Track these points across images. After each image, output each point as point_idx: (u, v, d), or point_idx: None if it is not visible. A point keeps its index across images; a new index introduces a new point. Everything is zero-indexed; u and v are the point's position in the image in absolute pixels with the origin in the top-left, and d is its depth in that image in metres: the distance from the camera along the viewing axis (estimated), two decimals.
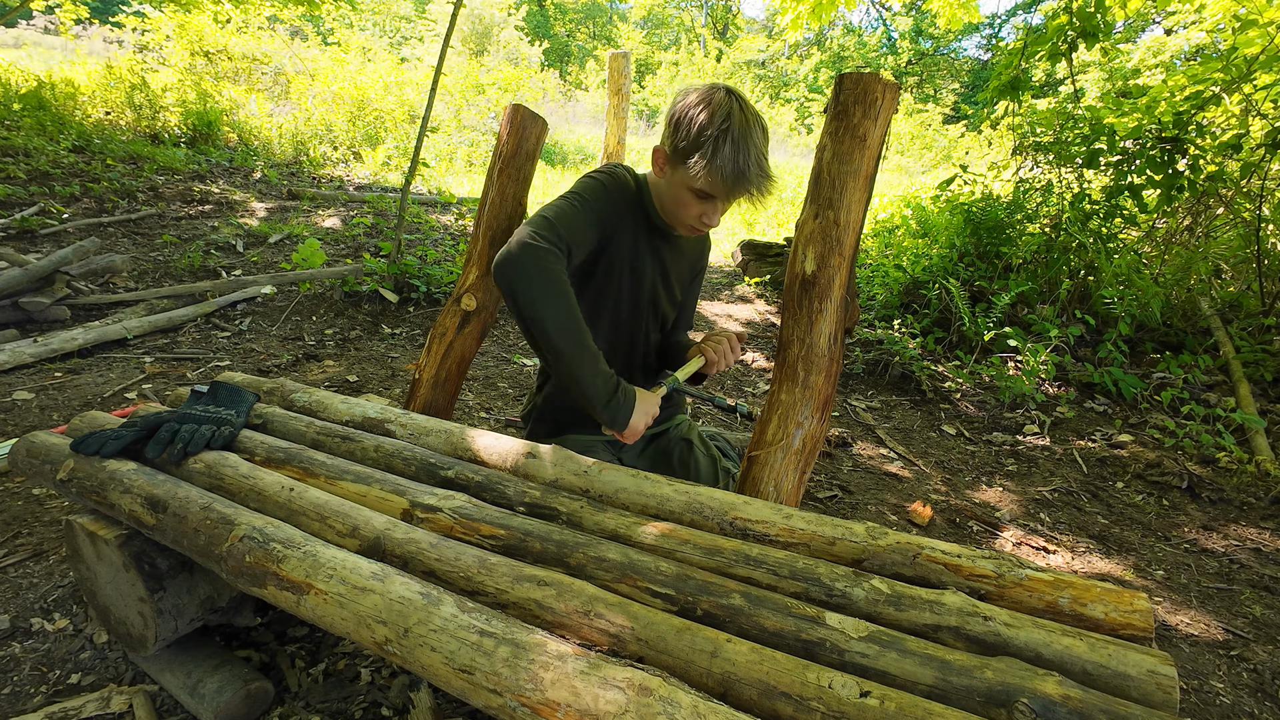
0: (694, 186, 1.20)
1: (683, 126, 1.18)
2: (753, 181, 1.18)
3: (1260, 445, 2.58)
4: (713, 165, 1.15)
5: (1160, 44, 10.25)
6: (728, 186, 1.18)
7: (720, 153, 1.14)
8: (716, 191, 1.19)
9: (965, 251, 4.05)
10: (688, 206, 1.24)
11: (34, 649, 1.24)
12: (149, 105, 6.47)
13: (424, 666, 0.72)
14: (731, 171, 1.15)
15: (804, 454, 1.14)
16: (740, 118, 1.16)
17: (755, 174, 1.17)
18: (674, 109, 1.22)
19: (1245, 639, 1.62)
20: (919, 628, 0.76)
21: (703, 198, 1.22)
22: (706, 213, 1.25)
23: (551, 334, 1.11)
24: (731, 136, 1.14)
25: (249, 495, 1.03)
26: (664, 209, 1.33)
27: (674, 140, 1.21)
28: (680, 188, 1.23)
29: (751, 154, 1.16)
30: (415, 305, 3.67)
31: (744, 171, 1.16)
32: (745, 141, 1.15)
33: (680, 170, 1.21)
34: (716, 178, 1.16)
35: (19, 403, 2.19)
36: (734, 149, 1.14)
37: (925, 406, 3.02)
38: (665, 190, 1.29)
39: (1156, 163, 3.26)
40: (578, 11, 30.10)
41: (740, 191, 1.19)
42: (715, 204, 1.23)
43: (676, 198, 1.26)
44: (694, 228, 1.30)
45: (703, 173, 1.16)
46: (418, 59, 12.24)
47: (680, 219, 1.29)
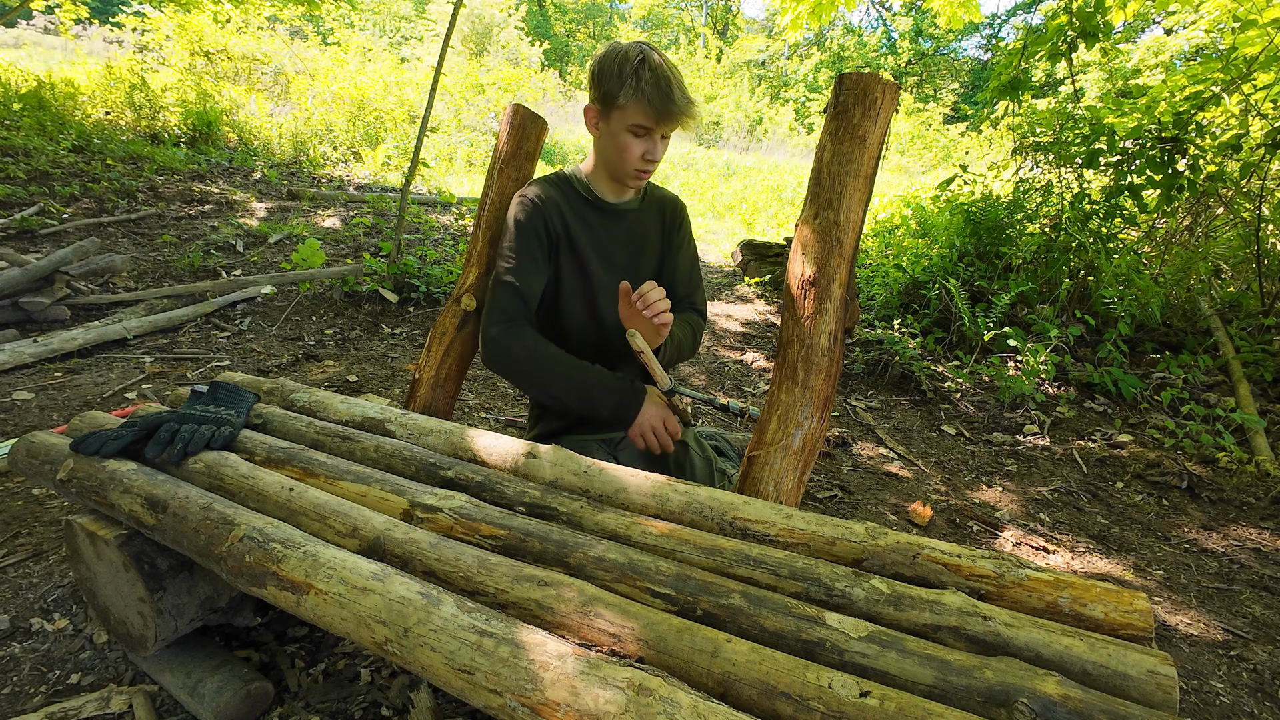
0: (628, 123, 1.28)
1: (603, 74, 1.28)
2: (677, 101, 1.26)
3: (1260, 445, 2.58)
4: (639, 92, 1.24)
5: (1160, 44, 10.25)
6: (657, 110, 1.25)
7: (642, 80, 1.24)
8: (648, 120, 1.27)
9: (965, 251, 4.05)
10: (629, 149, 1.31)
11: (34, 649, 1.24)
12: (149, 105, 6.46)
13: (424, 666, 0.72)
14: (657, 94, 1.24)
15: (804, 454, 1.14)
16: (651, 54, 1.26)
17: (679, 95, 1.26)
18: (592, 65, 1.32)
19: (1245, 639, 1.62)
20: (919, 628, 0.76)
21: (639, 133, 1.29)
22: (648, 150, 1.31)
23: (561, 398, 1.34)
24: (649, 65, 1.24)
25: (249, 495, 1.03)
26: (608, 167, 1.38)
27: (600, 90, 1.29)
28: (617, 133, 1.30)
29: (672, 79, 1.25)
30: (415, 305, 3.67)
31: (668, 93, 1.24)
32: (663, 70, 1.25)
33: (613, 114, 1.29)
34: (645, 103, 1.24)
35: (19, 403, 2.19)
36: (653, 75, 1.24)
37: (925, 406, 3.02)
38: (606, 145, 1.35)
39: (1156, 163, 3.26)
40: (578, 11, 30.10)
41: (670, 112, 1.26)
42: (652, 136, 1.30)
43: (616, 145, 1.32)
44: (640, 169, 1.34)
45: (631, 102, 1.25)
46: (418, 59, 12.25)
47: (626, 166, 1.34)
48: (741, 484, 1.17)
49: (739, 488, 1.17)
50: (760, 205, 8.72)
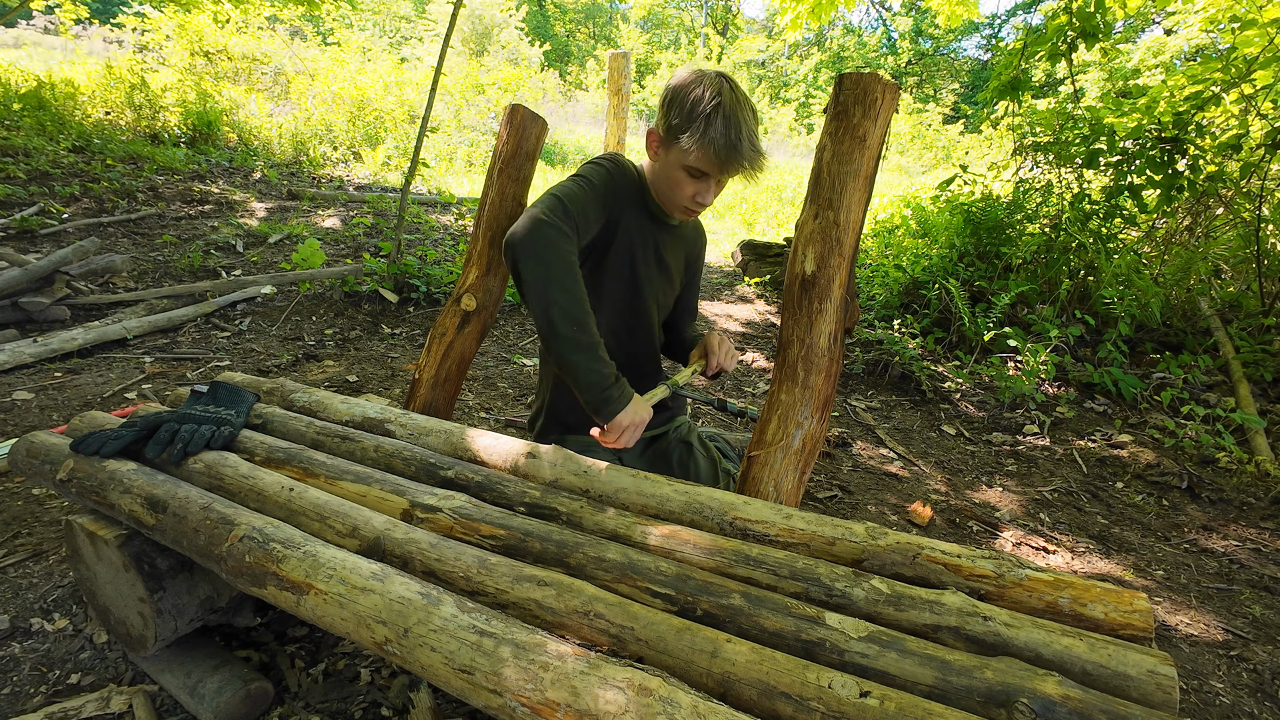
0: (687, 164, 1.22)
1: (675, 105, 1.21)
2: (745, 155, 1.20)
3: (1260, 445, 2.58)
4: (705, 140, 1.18)
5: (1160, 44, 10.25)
6: (720, 161, 1.20)
7: (712, 127, 1.17)
8: (709, 167, 1.21)
9: (965, 252, 4.05)
10: (682, 186, 1.26)
11: (34, 649, 1.24)
12: (149, 105, 6.46)
13: (424, 666, 0.72)
14: (724, 145, 1.18)
15: (804, 454, 1.14)
16: (730, 95, 1.19)
17: (747, 149, 1.20)
18: (667, 89, 1.25)
19: (1245, 639, 1.62)
20: (919, 628, 0.76)
21: (696, 176, 1.24)
22: (700, 191, 1.27)
23: (555, 319, 1.10)
24: (723, 112, 1.17)
25: (249, 495, 1.03)
26: (659, 192, 1.34)
27: (667, 120, 1.23)
28: (674, 167, 1.25)
29: (743, 130, 1.19)
30: (415, 305, 3.67)
31: (736, 145, 1.18)
32: (736, 117, 1.18)
33: (674, 148, 1.23)
34: (709, 152, 1.19)
35: (19, 403, 2.19)
36: (725, 124, 1.17)
37: (925, 406, 3.02)
38: (660, 172, 1.31)
39: (1156, 163, 3.26)
40: (578, 12, 30.10)
41: (733, 166, 1.21)
42: (709, 181, 1.25)
43: (670, 178, 1.27)
44: (688, 209, 1.31)
45: (695, 148, 1.19)
46: (418, 59, 12.24)
47: (675, 200, 1.30)
48: (741, 484, 1.17)
49: (739, 488, 1.17)
50: (760, 205, 8.71)
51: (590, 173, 1.29)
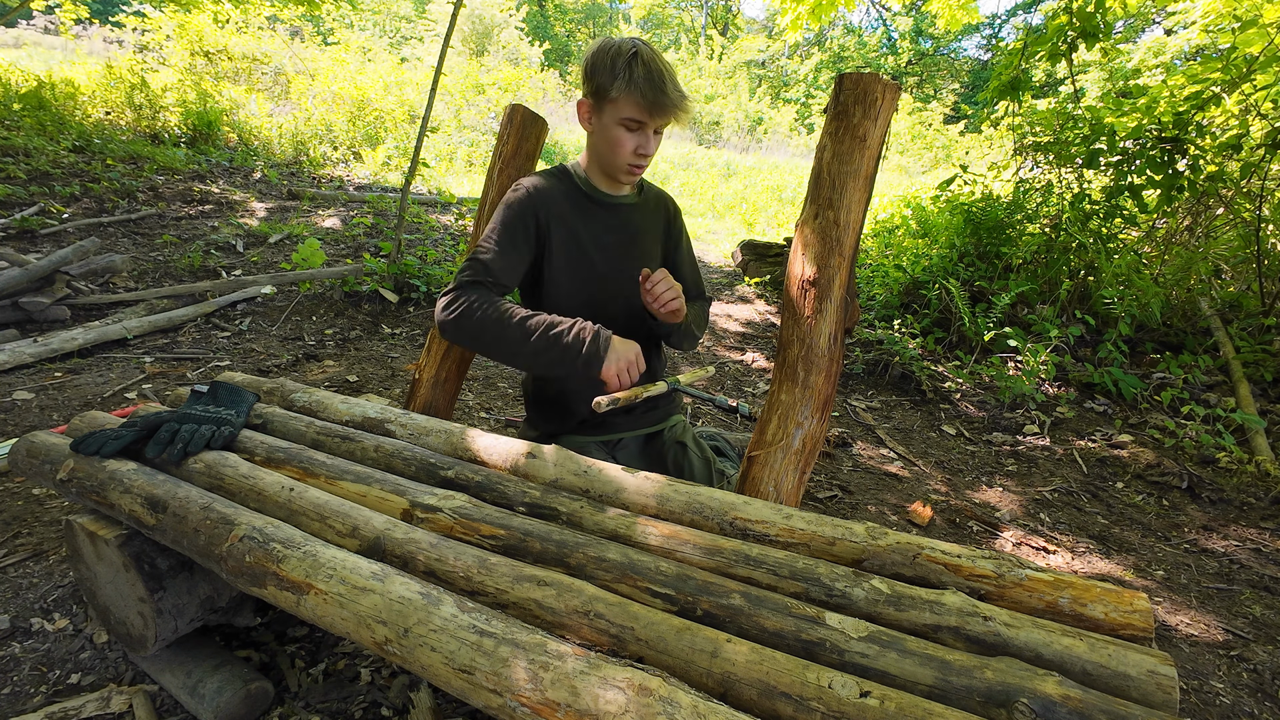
0: (621, 116, 1.27)
1: (596, 68, 1.27)
2: (670, 95, 1.25)
3: (1260, 445, 2.58)
4: (631, 85, 1.23)
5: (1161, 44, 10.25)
6: (649, 103, 1.24)
7: (634, 74, 1.23)
8: (642, 114, 1.26)
9: (965, 252, 4.05)
10: (622, 144, 1.30)
11: (34, 649, 1.24)
12: (149, 105, 6.46)
13: (424, 666, 0.72)
14: (649, 87, 1.23)
15: (804, 454, 1.14)
16: (645, 48, 1.26)
17: (672, 89, 1.25)
18: (585, 60, 1.31)
19: (1245, 639, 1.62)
20: (919, 628, 0.76)
21: (632, 127, 1.28)
22: (640, 144, 1.30)
23: (516, 360, 1.25)
24: (641, 59, 1.24)
25: (249, 495, 1.03)
26: (601, 162, 1.37)
27: (592, 84, 1.29)
28: (610, 126, 1.29)
29: (665, 74, 1.25)
30: (415, 305, 3.67)
31: (661, 86, 1.24)
32: (655, 63, 1.24)
33: (605, 107, 1.28)
34: (637, 95, 1.24)
35: (19, 403, 2.19)
36: (646, 69, 1.23)
37: (925, 406, 3.02)
38: (598, 138, 1.34)
39: (1156, 163, 3.26)
40: (578, 12, 30.10)
41: (661, 108, 1.26)
42: (645, 130, 1.29)
43: (609, 140, 1.31)
44: (634, 164, 1.34)
45: (623, 95, 1.24)
46: (418, 59, 12.25)
47: (618, 160, 1.33)
48: (741, 484, 1.17)
49: (739, 488, 1.17)
50: (760, 205, 8.72)
51: (505, 201, 1.36)
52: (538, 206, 1.35)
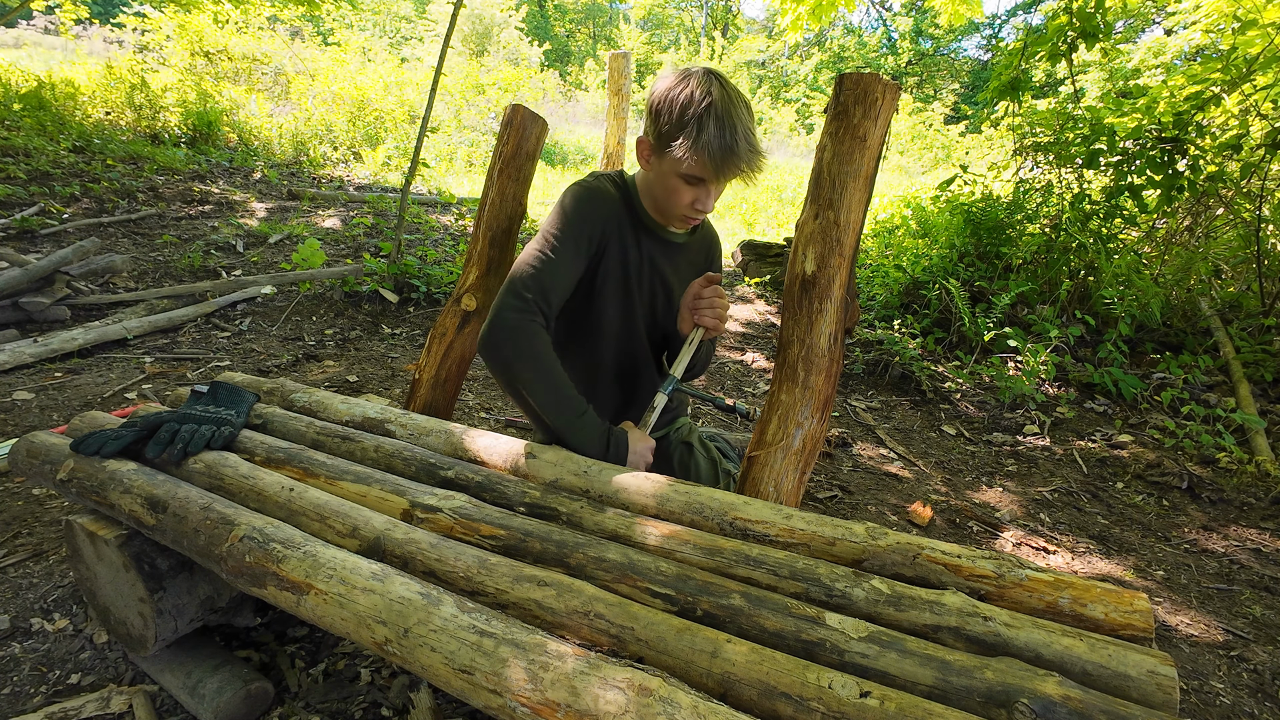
0: (681, 171, 1.15)
1: (663, 111, 1.14)
2: (742, 157, 1.13)
3: (1260, 445, 2.58)
4: (699, 145, 1.11)
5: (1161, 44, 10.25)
6: (716, 165, 1.13)
7: (705, 130, 1.10)
8: (705, 173, 1.15)
9: (965, 252, 4.05)
10: (678, 194, 1.20)
11: (34, 649, 1.24)
12: (149, 105, 6.47)
13: (424, 667, 0.72)
14: (719, 149, 1.11)
15: (804, 454, 1.14)
16: (721, 93, 1.12)
17: (744, 149, 1.13)
18: (652, 95, 1.18)
19: (1245, 639, 1.62)
20: (919, 628, 0.76)
21: (692, 182, 1.18)
22: (699, 198, 1.20)
23: (541, 410, 1.17)
24: (715, 113, 1.10)
25: (249, 495, 1.03)
26: (654, 202, 1.28)
27: (656, 127, 1.16)
28: (669, 175, 1.18)
29: (739, 130, 1.12)
30: (415, 305, 3.67)
31: (732, 148, 1.12)
32: (729, 118, 1.11)
33: (666, 156, 1.16)
34: (704, 156, 1.12)
35: (19, 403, 2.19)
36: (719, 126, 1.10)
37: (925, 407, 3.02)
38: (654, 181, 1.24)
39: (1156, 163, 3.26)
40: (578, 12, 30.10)
41: (730, 170, 1.14)
42: (706, 187, 1.19)
43: (666, 186, 1.21)
44: (687, 216, 1.25)
45: (689, 154, 1.12)
46: (418, 59, 12.25)
47: (672, 209, 1.24)
48: (742, 484, 1.17)
49: (739, 488, 1.17)
50: (760, 205, 8.72)
51: (557, 222, 1.23)
52: (605, 216, 1.26)
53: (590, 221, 1.24)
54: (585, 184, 1.28)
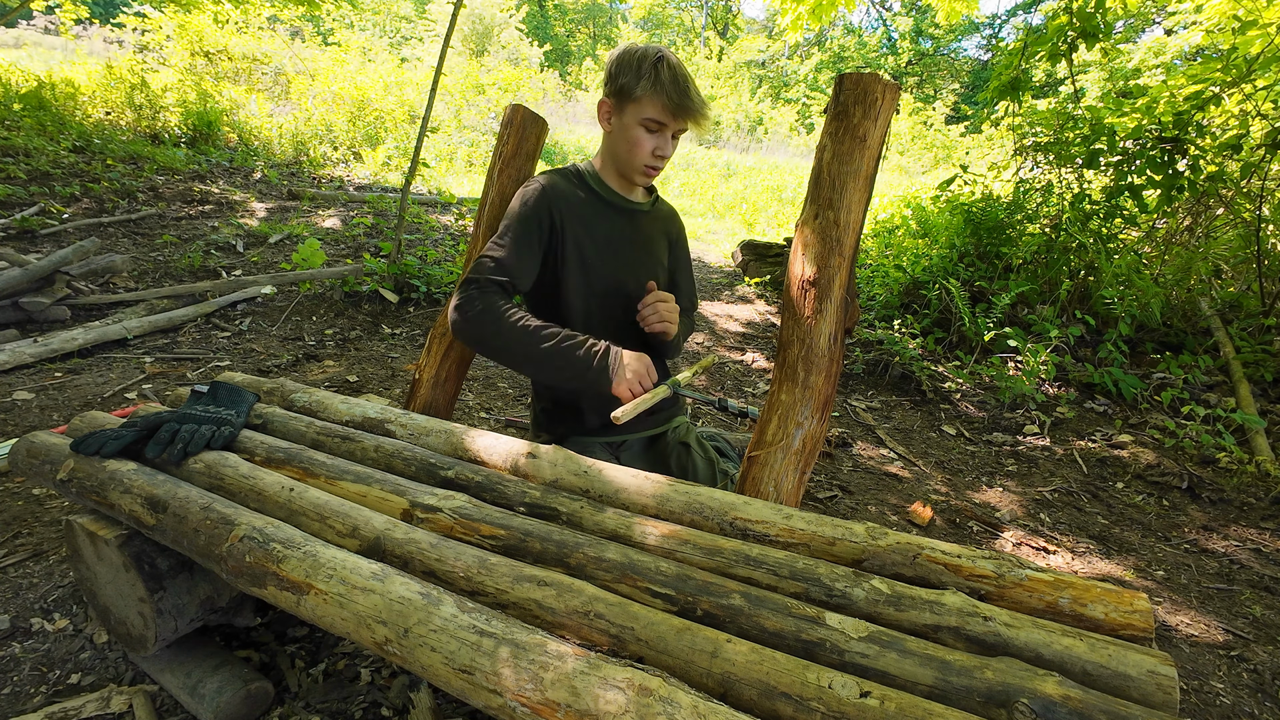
0: (644, 117, 1.29)
1: (621, 68, 1.29)
2: (694, 100, 1.28)
3: (1260, 445, 2.58)
4: (657, 85, 1.26)
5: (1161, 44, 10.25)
6: (673, 106, 1.27)
7: (659, 76, 1.26)
8: (664, 115, 1.28)
9: (965, 252, 4.05)
10: (641, 144, 1.32)
11: (34, 649, 1.24)
12: (149, 105, 6.46)
13: (424, 667, 0.72)
14: (674, 89, 1.26)
15: (804, 454, 1.14)
16: (668, 53, 1.29)
17: (695, 94, 1.29)
18: (609, 60, 1.33)
19: (1245, 639, 1.62)
20: (919, 628, 0.76)
21: (652, 128, 1.30)
22: (659, 145, 1.32)
23: (524, 365, 1.27)
24: (667, 63, 1.27)
25: (249, 495, 1.03)
26: (619, 160, 1.38)
27: (615, 84, 1.31)
28: (631, 126, 1.31)
29: (689, 78, 1.29)
30: (415, 305, 3.67)
31: (685, 89, 1.27)
32: (680, 69, 1.28)
33: (628, 107, 1.30)
34: (662, 97, 1.26)
35: (19, 403, 2.19)
36: (672, 71, 1.26)
37: (925, 407, 3.02)
38: (617, 137, 1.35)
39: (1157, 163, 3.26)
40: (578, 12, 30.10)
41: (685, 112, 1.28)
42: (665, 132, 1.31)
43: (628, 139, 1.32)
44: (651, 165, 1.35)
45: (648, 95, 1.27)
46: (418, 59, 12.25)
47: (636, 160, 1.34)
48: (741, 484, 1.17)
49: (739, 488, 1.17)
50: (760, 205, 8.72)
51: (520, 197, 1.36)
52: (552, 203, 1.35)
53: (538, 209, 1.34)
54: (532, 179, 1.40)
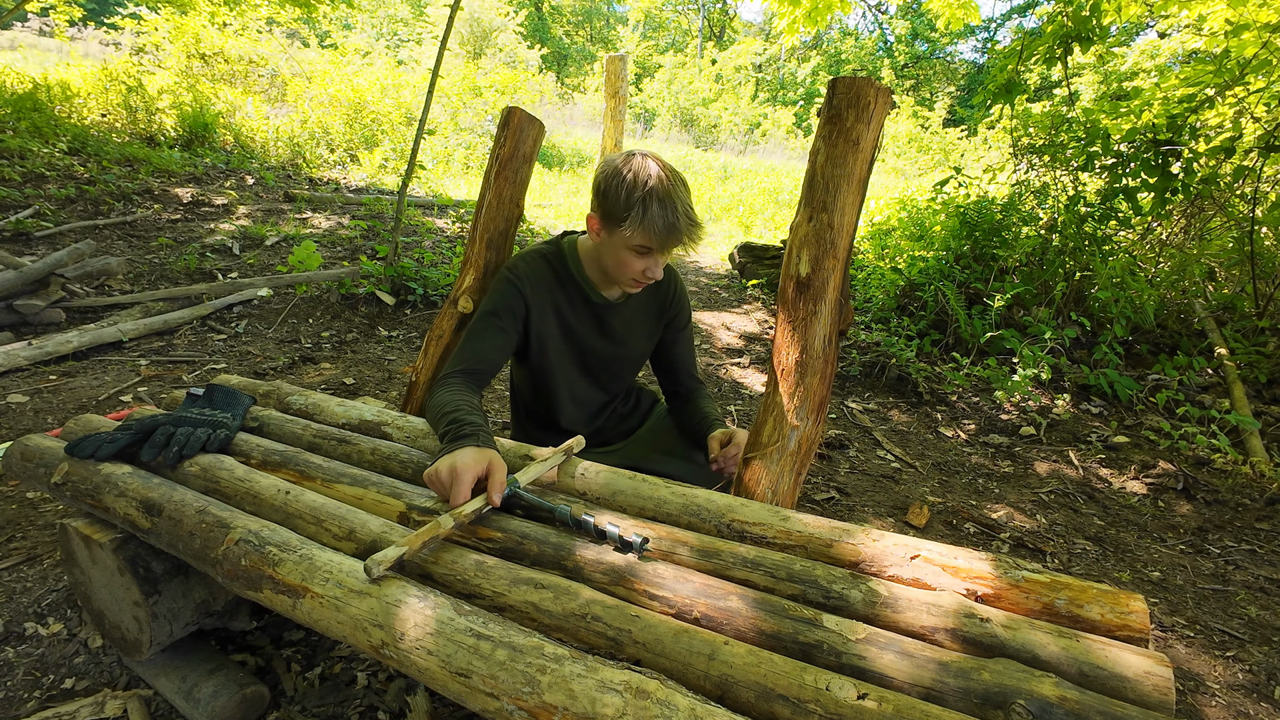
0: (631, 243, 1.27)
1: (610, 193, 1.26)
2: (684, 231, 1.26)
3: (1255, 447, 2.59)
4: (645, 222, 1.23)
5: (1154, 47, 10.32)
6: (662, 239, 1.25)
7: (649, 210, 1.23)
8: (653, 245, 1.27)
9: (961, 254, 4.06)
10: (629, 264, 1.31)
11: (28, 653, 1.23)
12: (145, 108, 6.45)
13: (420, 670, 0.72)
14: (663, 226, 1.24)
15: (800, 456, 1.14)
16: (660, 175, 1.25)
17: (685, 224, 1.26)
18: (598, 179, 1.30)
19: (1241, 640, 1.62)
20: (916, 630, 0.76)
21: (642, 253, 1.29)
22: (648, 267, 1.31)
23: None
24: (657, 195, 1.23)
25: (245, 498, 1.02)
26: (605, 269, 1.38)
27: (604, 207, 1.28)
28: (618, 249, 1.30)
29: (679, 208, 1.25)
30: (412, 308, 3.67)
31: (675, 225, 1.24)
32: (671, 197, 1.24)
33: (616, 233, 1.28)
34: (651, 232, 1.24)
35: (13, 406, 2.18)
36: (661, 206, 1.23)
37: (922, 408, 3.03)
38: (605, 251, 1.34)
39: (1151, 165, 3.27)
40: (576, 14, 30.14)
41: (673, 242, 1.27)
42: (654, 256, 1.30)
43: (616, 259, 1.32)
44: (638, 281, 1.35)
45: (638, 231, 1.24)
46: (415, 61, 12.25)
47: (624, 276, 1.34)
48: (738, 486, 1.17)
49: (735, 490, 1.17)
50: (757, 208, 8.74)
51: (491, 298, 1.38)
52: (527, 294, 1.38)
53: (512, 298, 1.37)
54: (514, 264, 1.42)
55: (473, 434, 1.05)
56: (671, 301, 1.55)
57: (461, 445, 1.01)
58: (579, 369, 1.50)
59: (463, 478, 0.94)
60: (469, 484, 0.94)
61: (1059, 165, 3.98)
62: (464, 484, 0.94)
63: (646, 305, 1.52)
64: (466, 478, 0.94)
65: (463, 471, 0.95)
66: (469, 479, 0.95)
